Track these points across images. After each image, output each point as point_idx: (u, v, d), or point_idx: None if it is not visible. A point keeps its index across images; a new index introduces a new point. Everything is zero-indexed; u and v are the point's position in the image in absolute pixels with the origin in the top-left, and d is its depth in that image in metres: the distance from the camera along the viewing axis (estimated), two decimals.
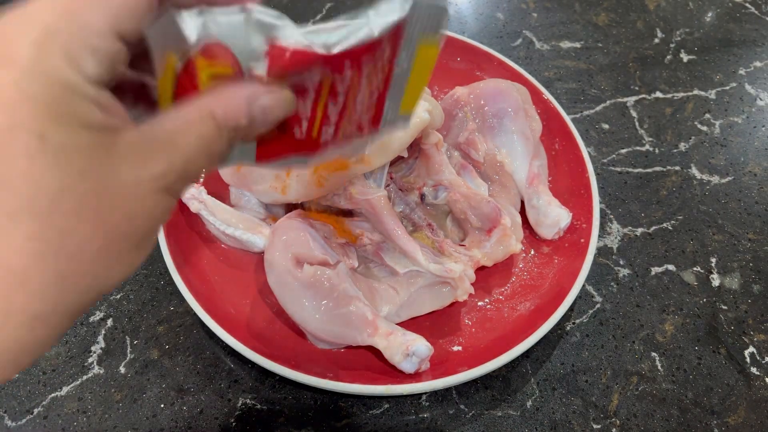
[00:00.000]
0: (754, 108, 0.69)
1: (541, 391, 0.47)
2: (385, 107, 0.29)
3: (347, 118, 0.27)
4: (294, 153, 0.27)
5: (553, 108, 0.60)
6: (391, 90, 0.28)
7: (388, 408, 0.46)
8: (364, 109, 0.28)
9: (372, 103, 0.28)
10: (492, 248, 0.49)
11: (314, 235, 0.45)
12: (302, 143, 0.26)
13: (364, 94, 0.27)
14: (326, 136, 0.27)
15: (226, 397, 0.46)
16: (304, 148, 0.27)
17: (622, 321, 0.51)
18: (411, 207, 0.52)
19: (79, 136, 0.18)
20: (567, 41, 0.74)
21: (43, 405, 0.45)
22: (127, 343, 0.48)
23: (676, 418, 0.47)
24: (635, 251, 0.56)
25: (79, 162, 0.17)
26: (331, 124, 0.27)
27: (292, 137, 0.26)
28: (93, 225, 0.18)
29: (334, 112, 0.26)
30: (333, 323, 0.43)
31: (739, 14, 0.79)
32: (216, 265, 0.50)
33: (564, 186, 0.57)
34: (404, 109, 0.30)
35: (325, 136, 0.27)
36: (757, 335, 0.51)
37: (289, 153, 0.27)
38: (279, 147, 0.26)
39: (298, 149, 0.27)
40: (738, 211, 0.59)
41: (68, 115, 0.17)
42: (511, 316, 0.49)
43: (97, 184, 0.18)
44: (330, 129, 0.27)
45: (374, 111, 0.28)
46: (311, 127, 0.26)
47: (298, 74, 0.23)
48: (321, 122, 0.26)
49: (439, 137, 0.51)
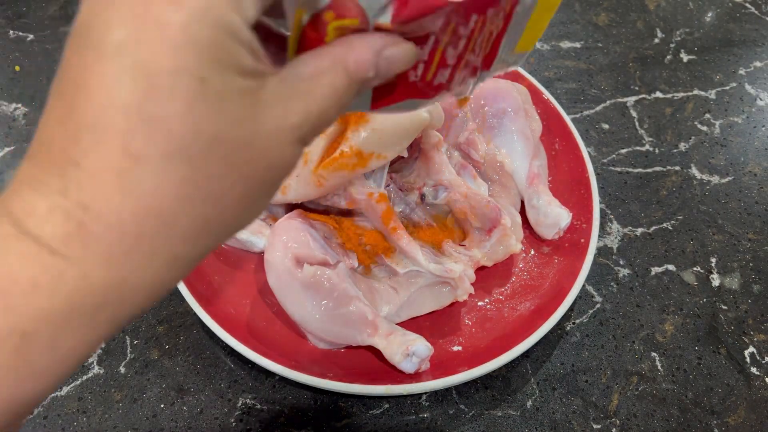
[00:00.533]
0: (754, 108, 0.69)
1: (541, 391, 0.47)
2: (500, 47, 0.28)
3: (464, 62, 0.26)
4: (407, 97, 0.26)
5: (553, 108, 0.60)
6: (510, 29, 0.27)
7: (388, 408, 0.46)
8: (480, 51, 0.27)
9: (488, 44, 0.27)
10: (492, 248, 0.49)
11: (314, 235, 0.45)
12: (416, 87, 0.26)
13: (484, 37, 0.26)
14: (441, 79, 0.26)
15: (226, 397, 0.46)
16: (418, 92, 0.26)
17: (622, 321, 0.51)
18: (411, 207, 0.52)
19: (235, 81, 0.18)
20: (567, 41, 0.74)
21: (43, 405, 0.45)
22: (127, 343, 0.48)
23: (676, 418, 0.47)
24: (635, 251, 0.56)
25: (234, 109, 0.18)
26: (448, 67, 0.26)
27: (406, 81, 0.25)
28: (239, 173, 0.18)
29: (452, 56, 0.25)
30: (333, 323, 0.43)
31: (739, 14, 0.79)
32: (216, 265, 0.50)
33: (564, 186, 0.57)
34: (521, 47, 0.29)
35: (439, 79, 0.26)
36: (757, 335, 0.51)
37: (403, 97, 0.26)
38: (393, 92, 0.26)
39: (412, 94, 0.26)
40: (738, 211, 0.59)
41: (228, 60, 0.17)
42: (511, 316, 0.49)
43: (247, 133, 0.18)
44: (446, 72, 0.26)
45: (488, 50, 0.27)
46: (427, 71, 0.25)
47: (421, 23, 0.23)
48: (438, 66, 0.26)
49: (439, 137, 0.51)
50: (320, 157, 0.45)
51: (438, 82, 0.26)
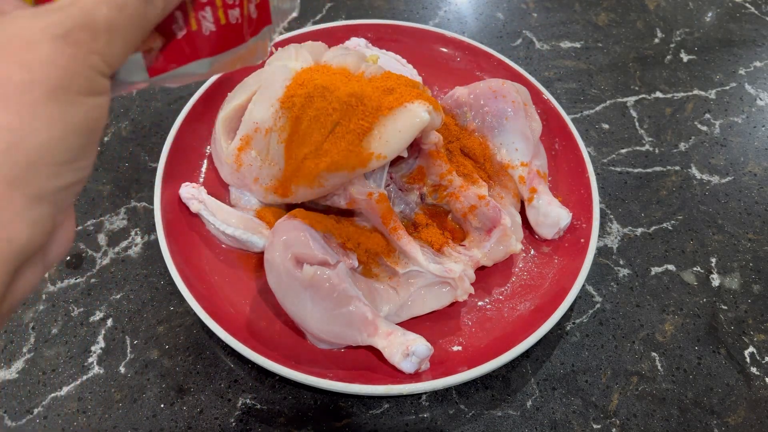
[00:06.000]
0: (754, 108, 0.69)
1: (541, 391, 0.47)
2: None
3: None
4: (185, 60, 0.25)
5: (553, 108, 0.60)
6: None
7: (388, 408, 0.46)
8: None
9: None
10: (492, 248, 0.49)
11: (314, 235, 0.45)
12: (187, 43, 0.25)
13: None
14: (207, 25, 0.25)
15: (226, 397, 0.46)
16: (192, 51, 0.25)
17: (622, 321, 0.51)
18: (411, 207, 0.52)
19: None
20: (567, 41, 0.74)
21: (43, 405, 0.45)
22: (127, 343, 0.48)
23: (676, 418, 0.47)
24: (635, 251, 0.56)
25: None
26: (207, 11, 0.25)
27: (175, 38, 0.25)
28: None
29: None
30: (333, 323, 0.43)
31: (739, 14, 0.79)
32: (216, 265, 0.50)
33: (564, 186, 0.57)
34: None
35: (206, 25, 0.25)
36: (757, 335, 0.51)
37: (180, 61, 0.25)
38: (168, 55, 0.25)
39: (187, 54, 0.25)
40: (738, 211, 0.59)
41: None
42: (511, 316, 0.49)
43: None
44: (208, 16, 0.25)
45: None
46: (188, 19, 0.25)
47: None
48: (195, 9, 0.25)
49: (439, 137, 0.51)
50: None
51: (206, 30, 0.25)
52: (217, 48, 0.26)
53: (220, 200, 0.52)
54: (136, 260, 0.52)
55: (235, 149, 0.50)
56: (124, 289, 0.51)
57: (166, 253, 0.47)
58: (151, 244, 0.53)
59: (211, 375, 0.47)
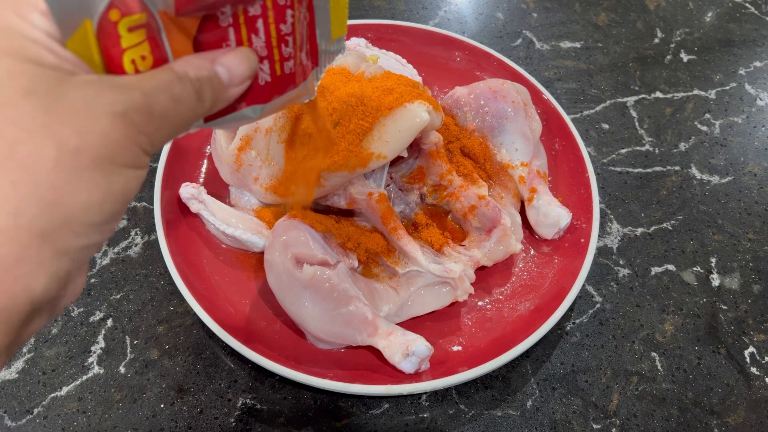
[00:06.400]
0: (754, 108, 0.69)
1: (541, 391, 0.47)
2: (317, 38, 0.29)
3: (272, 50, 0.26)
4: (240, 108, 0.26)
5: (553, 108, 0.60)
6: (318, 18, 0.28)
7: (388, 408, 0.46)
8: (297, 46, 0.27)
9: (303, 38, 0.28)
10: (492, 248, 0.49)
11: (314, 235, 0.45)
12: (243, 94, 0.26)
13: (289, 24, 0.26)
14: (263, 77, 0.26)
15: (226, 397, 0.46)
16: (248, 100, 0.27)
17: (622, 321, 0.51)
18: (411, 207, 0.52)
19: (26, 66, 0.19)
20: (567, 41, 0.74)
21: (43, 405, 0.45)
22: (127, 343, 0.48)
23: (676, 418, 0.47)
24: (635, 251, 0.56)
25: (24, 83, 0.19)
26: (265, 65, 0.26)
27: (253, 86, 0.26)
28: (41, 136, 0.19)
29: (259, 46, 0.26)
30: (333, 323, 0.43)
31: (739, 14, 0.79)
32: (216, 265, 0.50)
33: (564, 186, 0.57)
34: (335, 33, 0.30)
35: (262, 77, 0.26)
36: (757, 335, 0.51)
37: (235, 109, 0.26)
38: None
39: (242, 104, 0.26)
40: (738, 211, 0.59)
41: (17, 51, 0.19)
42: (511, 316, 0.49)
43: (44, 101, 0.19)
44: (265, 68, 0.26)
45: (309, 47, 0.28)
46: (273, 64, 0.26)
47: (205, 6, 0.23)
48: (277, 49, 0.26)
49: (439, 137, 0.51)
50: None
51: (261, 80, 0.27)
52: (271, 95, 0.28)
53: (220, 200, 0.52)
54: (136, 260, 0.52)
55: (235, 149, 0.50)
56: (124, 289, 0.51)
57: (166, 253, 0.47)
58: (151, 244, 0.53)
59: (211, 375, 0.47)
